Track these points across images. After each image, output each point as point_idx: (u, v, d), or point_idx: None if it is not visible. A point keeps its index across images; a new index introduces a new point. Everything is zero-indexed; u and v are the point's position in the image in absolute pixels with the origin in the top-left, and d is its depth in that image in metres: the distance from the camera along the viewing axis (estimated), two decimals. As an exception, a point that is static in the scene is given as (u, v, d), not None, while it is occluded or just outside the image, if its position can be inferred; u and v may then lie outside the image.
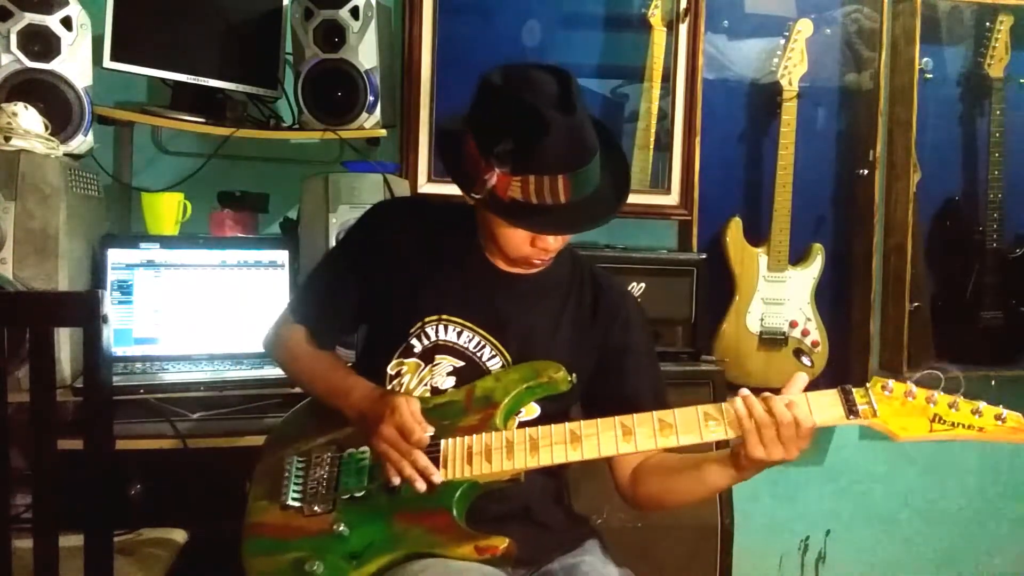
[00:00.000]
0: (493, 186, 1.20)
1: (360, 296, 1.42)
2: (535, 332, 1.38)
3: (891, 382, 1.18)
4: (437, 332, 1.37)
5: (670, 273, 2.34)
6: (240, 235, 2.23)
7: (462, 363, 1.37)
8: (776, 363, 2.59)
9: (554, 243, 1.31)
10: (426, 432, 1.24)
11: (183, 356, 2.03)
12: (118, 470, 1.82)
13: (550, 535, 1.38)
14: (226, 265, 2.10)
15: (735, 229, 2.62)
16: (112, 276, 2.01)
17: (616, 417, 1.23)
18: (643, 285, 2.30)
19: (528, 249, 1.31)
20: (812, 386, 1.21)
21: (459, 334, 1.37)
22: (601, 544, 1.42)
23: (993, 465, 3.00)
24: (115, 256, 2.01)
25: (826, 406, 1.19)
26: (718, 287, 2.57)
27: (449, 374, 1.36)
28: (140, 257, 2.04)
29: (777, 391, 1.20)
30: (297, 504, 1.33)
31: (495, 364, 1.36)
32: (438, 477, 1.24)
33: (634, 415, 1.23)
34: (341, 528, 1.28)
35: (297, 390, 1.63)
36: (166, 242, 2.07)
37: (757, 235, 2.63)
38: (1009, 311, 2.75)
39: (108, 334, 1.29)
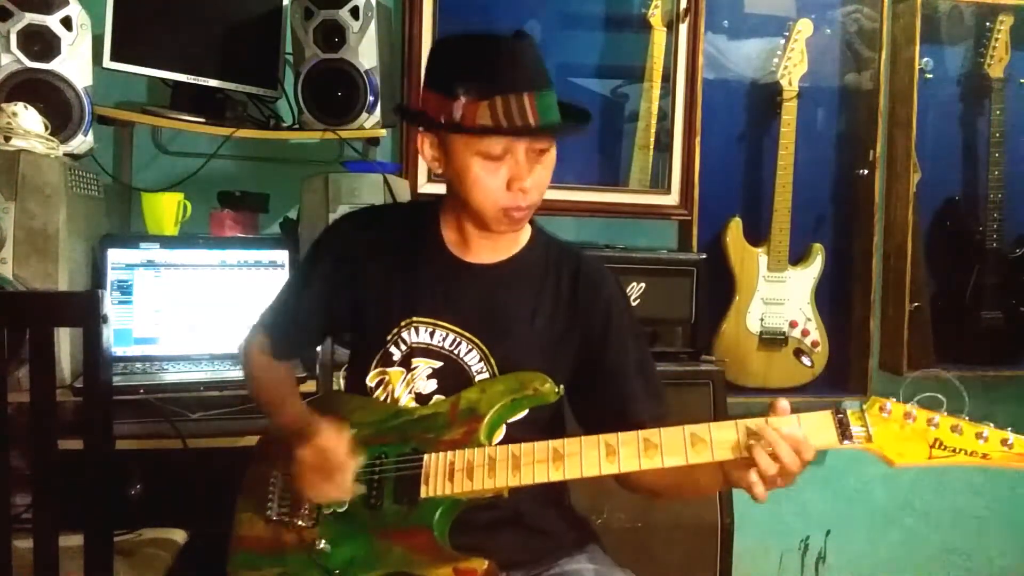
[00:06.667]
0: (461, 117, 1.19)
1: (325, 312, 1.41)
2: (510, 323, 1.33)
3: (889, 403, 1.09)
4: (411, 335, 1.34)
5: (670, 273, 2.34)
6: (240, 235, 2.23)
7: (440, 363, 1.33)
8: (776, 363, 2.58)
9: (530, 183, 1.23)
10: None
11: (183, 356, 2.03)
12: (118, 470, 1.82)
13: (546, 539, 1.36)
14: (226, 265, 2.10)
15: (735, 229, 2.62)
16: (112, 276, 2.00)
17: (600, 436, 1.19)
18: (643, 285, 2.30)
19: (505, 197, 1.24)
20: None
21: (432, 334, 1.33)
22: (601, 547, 1.40)
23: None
24: (115, 256, 2.01)
25: (816, 428, 1.11)
26: (718, 287, 2.57)
27: (429, 377, 1.34)
28: (140, 257, 2.03)
29: (777, 392, 1.18)
30: (280, 518, 1.32)
31: (473, 360, 1.33)
32: None
33: (619, 434, 1.18)
34: (323, 544, 1.27)
35: (299, 389, 1.63)
36: (166, 242, 2.07)
37: (757, 235, 2.63)
38: (1009, 311, 2.75)
39: (108, 334, 1.29)
